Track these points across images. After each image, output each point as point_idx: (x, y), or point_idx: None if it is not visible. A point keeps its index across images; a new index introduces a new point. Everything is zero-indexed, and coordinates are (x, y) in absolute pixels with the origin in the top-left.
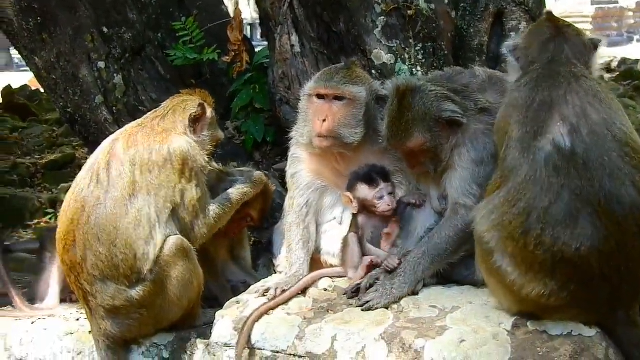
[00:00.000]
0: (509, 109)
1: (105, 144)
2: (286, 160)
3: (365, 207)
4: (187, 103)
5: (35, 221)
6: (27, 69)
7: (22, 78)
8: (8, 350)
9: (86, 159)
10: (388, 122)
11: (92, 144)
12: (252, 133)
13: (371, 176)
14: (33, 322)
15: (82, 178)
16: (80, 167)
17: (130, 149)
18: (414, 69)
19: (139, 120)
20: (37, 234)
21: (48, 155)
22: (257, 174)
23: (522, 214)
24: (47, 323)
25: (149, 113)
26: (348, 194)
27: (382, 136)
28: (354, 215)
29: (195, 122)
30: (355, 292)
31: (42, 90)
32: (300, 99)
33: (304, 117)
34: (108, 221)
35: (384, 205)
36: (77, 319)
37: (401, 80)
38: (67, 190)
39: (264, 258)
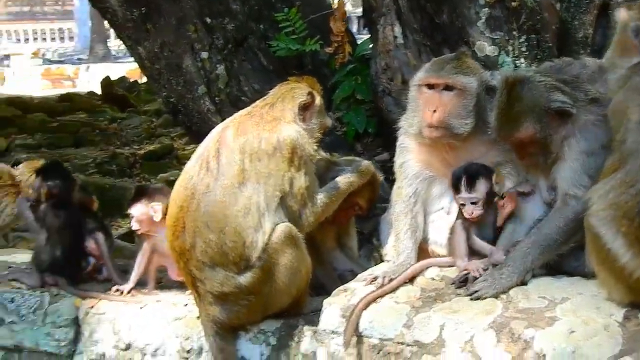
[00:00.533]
0: (628, 92)
1: (215, 132)
2: (387, 151)
3: None
4: (295, 91)
5: None
6: (125, 60)
7: (120, 69)
8: (117, 334)
9: (184, 149)
10: (497, 113)
11: (195, 134)
12: (354, 124)
13: (456, 183)
14: (141, 308)
15: (192, 166)
16: (177, 158)
17: (240, 137)
18: (517, 61)
19: (248, 109)
20: None
21: (146, 146)
22: (365, 163)
23: (639, 194)
24: (155, 308)
25: (258, 101)
26: None
27: (491, 128)
28: None
29: (304, 110)
30: (463, 282)
31: (140, 81)
32: (402, 90)
33: (413, 107)
34: (217, 209)
35: (467, 212)
36: (185, 305)
37: (510, 71)
38: (165, 180)
39: (365, 248)
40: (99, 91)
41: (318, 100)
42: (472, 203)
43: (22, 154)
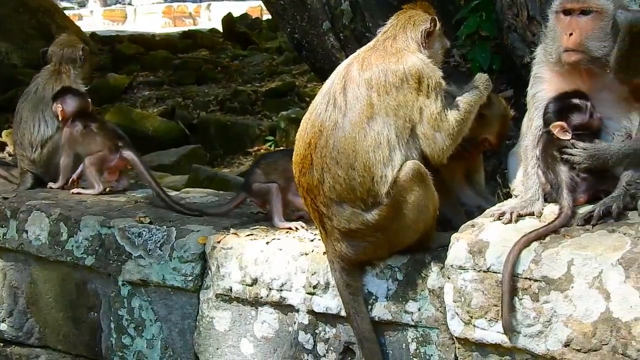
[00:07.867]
0: None
1: (340, 68)
2: (512, 88)
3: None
4: (415, 19)
5: (255, 148)
6: None
7: (240, 7)
8: (243, 269)
9: (305, 87)
10: (617, 56)
11: (319, 71)
12: (478, 61)
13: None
14: (268, 243)
15: (319, 103)
16: (299, 95)
17: (366, 71)
18: None
19: (370, 43)
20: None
21: (268, 83)
22: (479, 75)
23: None
24: (282, 243)
25: (378, 35)
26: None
27: (610, 67)
28: None
29: (427, 36)
30: (587, 219)
31: (261, 19)
32: (527, 26)
33: (551, 35)
34: (347, 144)
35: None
36: (312, 240)
37: (636, 14)
38: (286, 117)
39: (488, 185)
40: (220, 29)
41: (438, 24)
42: None
43: (145, 91)
